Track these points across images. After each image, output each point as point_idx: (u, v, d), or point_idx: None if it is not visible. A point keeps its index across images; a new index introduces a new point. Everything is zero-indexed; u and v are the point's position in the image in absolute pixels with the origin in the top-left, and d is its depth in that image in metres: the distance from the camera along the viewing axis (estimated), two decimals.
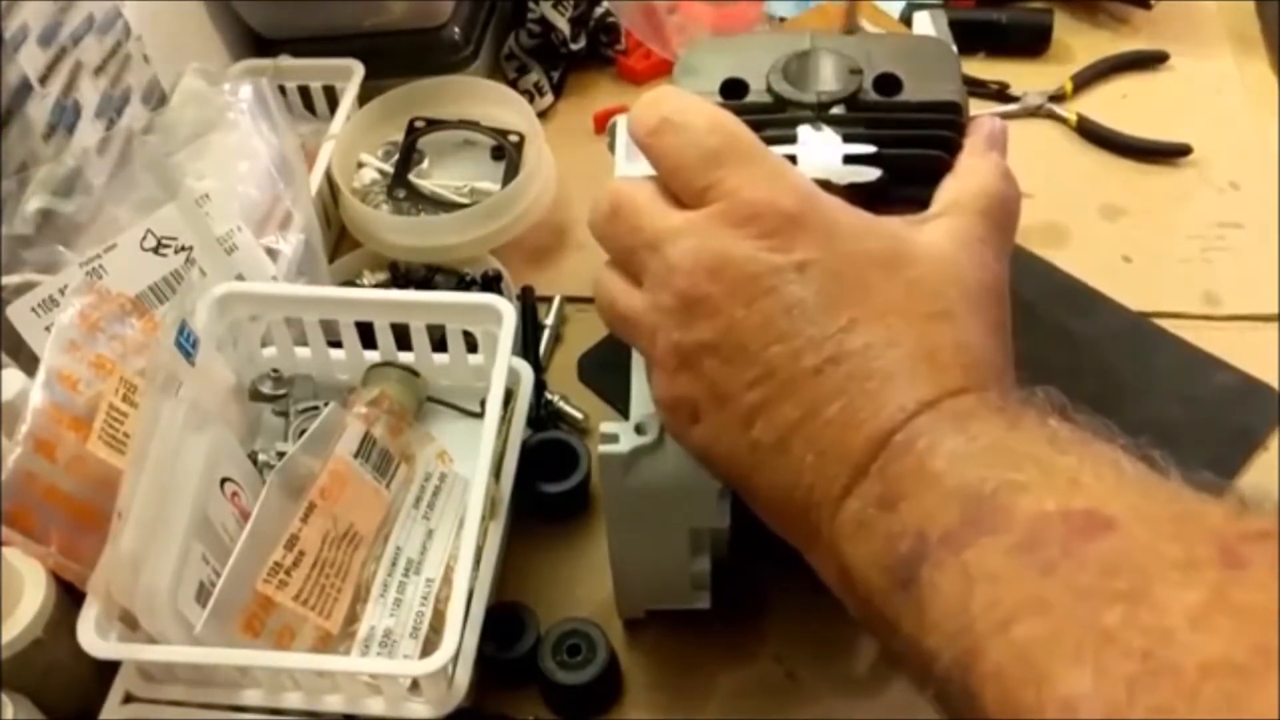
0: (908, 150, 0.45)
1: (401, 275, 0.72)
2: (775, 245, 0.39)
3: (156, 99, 0.72)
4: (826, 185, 0.43)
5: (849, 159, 0.45)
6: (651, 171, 0.43)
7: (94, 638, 0.49)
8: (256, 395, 0.63)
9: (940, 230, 0.42)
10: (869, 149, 0.45)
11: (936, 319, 0.39)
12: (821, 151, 0.45)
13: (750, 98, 0.49)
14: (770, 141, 0.43)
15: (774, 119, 0.47)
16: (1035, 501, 0.32)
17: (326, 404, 0.59)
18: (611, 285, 0.43)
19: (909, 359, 0.37)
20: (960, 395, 0.36)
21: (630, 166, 0.49)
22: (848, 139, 0.46)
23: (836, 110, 0.47)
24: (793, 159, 0.45)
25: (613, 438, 0.46)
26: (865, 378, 0.37)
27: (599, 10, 0.84)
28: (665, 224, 0.41)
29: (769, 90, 0.48)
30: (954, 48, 0.53)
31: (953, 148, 0.45)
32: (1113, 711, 0.28)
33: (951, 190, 0.43)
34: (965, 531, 0.33)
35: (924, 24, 0.58)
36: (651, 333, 0.41)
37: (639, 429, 0.46)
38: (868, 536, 0.36)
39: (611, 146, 0.55)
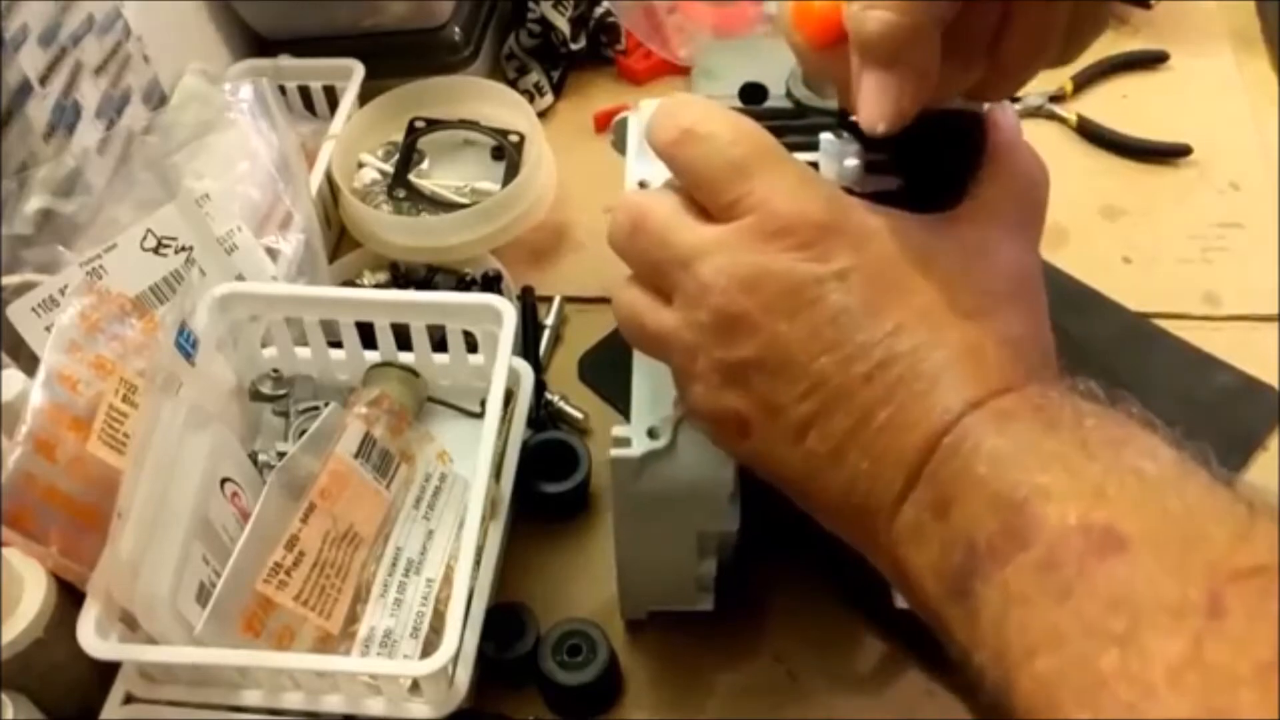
0: (929, 156, 0.45)
1: (402, 275, 0.72)
2: (813, 255, 0.38)
3: (157, 99, 0.72)
4: (848, 193, 0.43)
5: (871, 166, 0.45)
6: (662, 167, 0.43)
7: (94, 638, 0.49)
8: (257, 395, 0.63)
9: (976, 222, 0.41)
10: (889, 156, 0.45)
11: (979, 315, 0.38)
12: (843, 159, 0.45)
13: (770, 103, 0.48)
14: (791, 148, 0.42)
15: (794, 125, 0.46)
16: (1059, 512, 0.32)
17: (327, 404, 0.59)
18: (637, 303, 0.43)
19: (955, 359, 0.37)
20: (1004, 394, 0.36)
21: (640, 166, 0.48)
22: (869, 146, 0.45)
23: (857, 117, 0.47)
24: (814, 166, 0.44)
25: (624, 441, 0.45)
26: (914, 380, 0.37)
27: (599, 10, 0.84)
28: (694, 239, 0.40)
29: (789, 95, 0.48)
30: None
31: (974, 152, 0.44)
32: None
33: (981, 184, 0.43)
34: (1005, 545, 0.33)
35: None
36: (689, 351, 0.40)
37: (651, 433, 0.46)
38: (924, 544, 0.36)
39: (617, 145, 0.55)
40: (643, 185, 0.49)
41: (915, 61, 0.38)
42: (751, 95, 0.49)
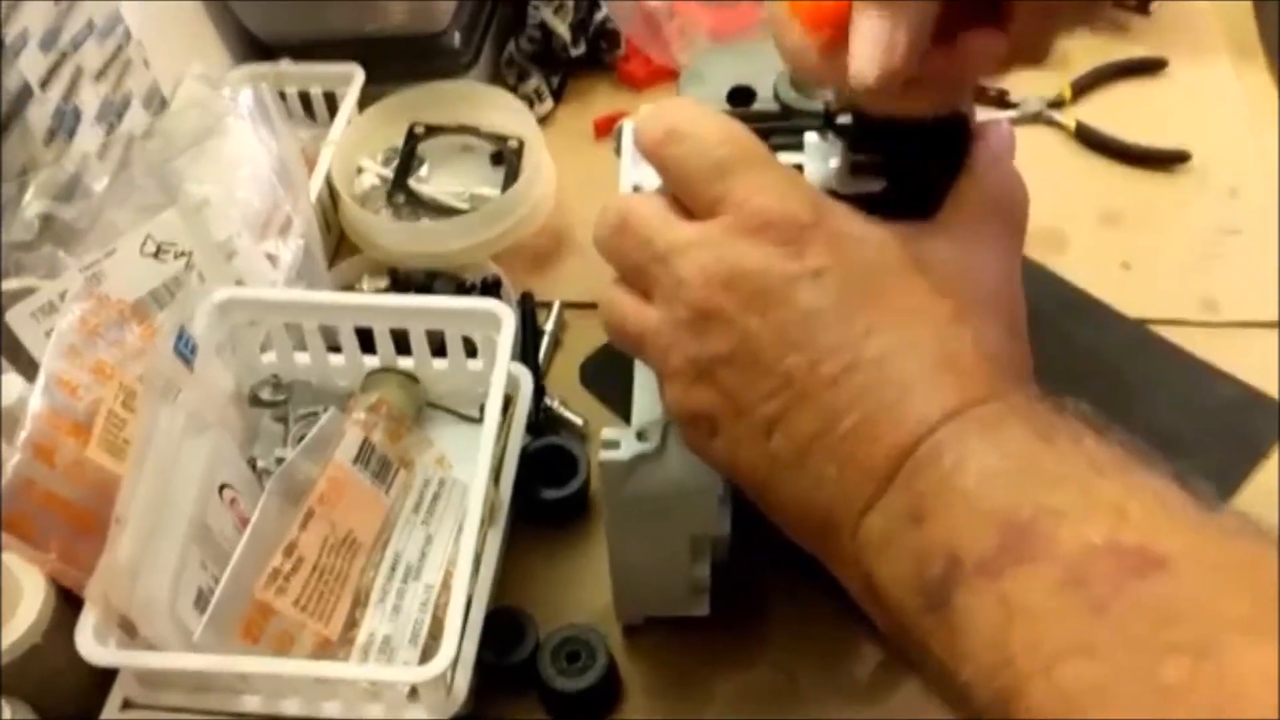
0: (914, 160, 0.45)
1: (401, 281, 0.72)
2: (789, 254, 0.38)
3: (157, 104, 0.72)
4: (832, 194, 0.43)
5: (855, 168, 0.45)
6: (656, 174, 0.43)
7: (92, 644, 0.49)
8: (256, 401, 0.63)
9: (952, 235, 0.42)
10: (875, 158, 0.45)
11: (954, 323, 0.38)
12: (828, 160, 0.45)
13: (757, 105, 0.49)
14: (776, 149, 0.42)
15: (780, 127, 0.47)
16: (1077, 532, 0.31)
17: (325, 410, 0.59)
18: (621, 303, 0.43)
19: (929, 366, 0.36)
20: (985, 403, 0.35)
21: (636, 172, 0.48)
22: (854, 148, 0.46)
23: (843, 119, 0.47)
24: (799, 168, 0.45)
25: (613, 444, 0.46)
26: (882, 387, 0.36)
27: (599, 16, 0.84)
28: (675, 236, 0.40)
29: (776, 98, 0.48)
30: None
31: (958, 157, 0.45)
32: None
33: (961, 195, 0.43)
34: (1002, 558, 0.32)
35: None
36: (665, 347, 0.41)
37: (640, 435, 0.46)
38: (895, 554, 0.35)
39: (618, 150, 0.55)
40: (636, 191, 0.49)
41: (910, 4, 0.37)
42: (739, 98, 0.49)
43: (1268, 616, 0.28)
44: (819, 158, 0.45)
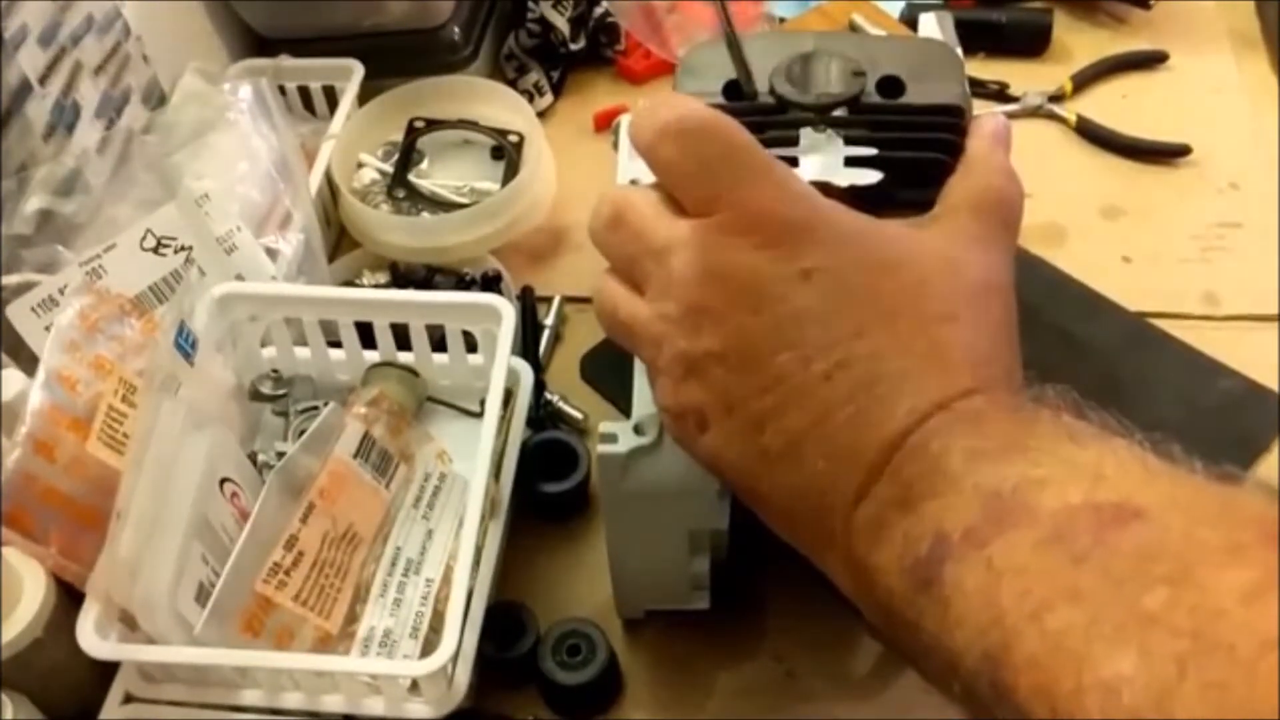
0: (909, 153, 0.45)
1: (401, 275, 0.72)
2: (781, 254, 0.39)
3: (156, 99, 0.72)
4: (827, 188, 0.43)
5: (850, 161, 0.45)
6: None
7: (93, 638, 0.49)
8: (256, 395, 0.63)
9: (943, 231, 0.42)
10: (870, 151, 0.45)
11: (943, 321, 0.39)
12: (823, 154, 0.45)
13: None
14: (771, 143, 0.42)
15: (776, 120, 0.47)
16: (1059, 495, 0.32)
17: (326, 404, 0.59)
18: (613, 293, 0.43)
19: (918, 362, 0.37)
20: (970, 396, 0.36)
21: (634, 166, 0.48)
22: (849, 141, 0.46)
23: (839, 112, 0.47)
24: (794, 161, 0.45)
25: (611, 438, 0.46)
26: (875, 382, 0.37)
27: (598, 10, 0.84)
28: (669, 233, 0.41)
29: (771, 92, 0.48)
30: (959, 51, 0.52)
31: (954, 151, 0.45)
32: (1161, 691, 0.27)
33: (954, 190, 0.43)
34: (987, 528, 0.33)
35: (930, 27, 0.58)
36: (656, 341, 0.41)
37: (638, 429, 0.46)
38: (886, 539, 0.35)
39: (616, 145, 0.55)
40: (634, 184, 0.49)
41: None
42: (734, 92, 0.49)
43: (1244, 542, 0.29)
44: (814, 151, 0.45)
